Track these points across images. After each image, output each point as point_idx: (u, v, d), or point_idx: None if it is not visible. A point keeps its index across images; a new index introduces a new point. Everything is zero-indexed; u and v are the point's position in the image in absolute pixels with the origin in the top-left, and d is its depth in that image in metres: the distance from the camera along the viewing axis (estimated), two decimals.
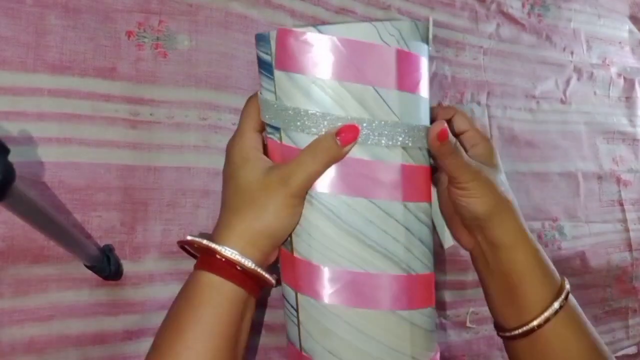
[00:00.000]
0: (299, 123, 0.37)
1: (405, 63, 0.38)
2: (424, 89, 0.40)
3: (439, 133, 0.39)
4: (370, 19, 0.66)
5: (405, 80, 0.38)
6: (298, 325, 0.40)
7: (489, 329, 0.69)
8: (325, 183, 0.38)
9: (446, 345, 0.66)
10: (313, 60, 0.36)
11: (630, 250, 0.84)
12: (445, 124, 0.39)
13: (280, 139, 0.39)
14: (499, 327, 0.46)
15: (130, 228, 0.51)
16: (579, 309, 0.44)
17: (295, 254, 0.40)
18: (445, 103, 0.71)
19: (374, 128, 0.37)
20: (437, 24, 0.71)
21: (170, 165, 0.53)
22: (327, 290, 0.38)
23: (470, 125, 0.46)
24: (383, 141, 0.37)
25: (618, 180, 0.85)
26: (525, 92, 0.78)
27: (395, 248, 0.39)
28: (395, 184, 0.38)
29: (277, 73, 0.38)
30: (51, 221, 0.38)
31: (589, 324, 0.44)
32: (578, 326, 0.43)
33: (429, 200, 0.42)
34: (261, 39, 0.39)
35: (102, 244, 0.50)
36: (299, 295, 0.40)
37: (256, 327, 0.54)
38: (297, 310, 0.40)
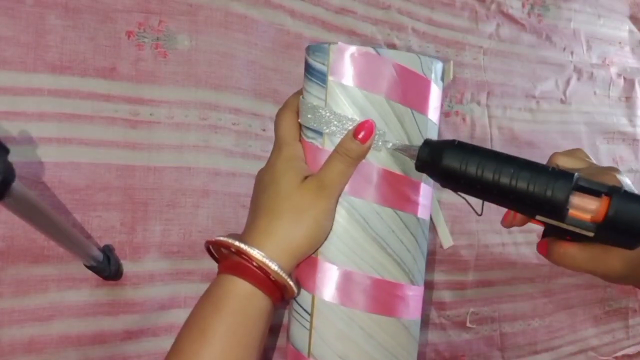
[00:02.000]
0: (345, 130, 0.40)
1: (434, 95, 0.42)
2: (438, 120, 0.44)
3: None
4: (370, 19, 0.66)
5: (432, 109, 0.42)
6: (310, 330, 0.41)
7: (489, 329, 0.69)
8: (360, 190, 0.40)
9: (446, 345, 0.66)
10: (368, 76, 0.40)
11: None
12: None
13: (323, 144, 0.41)
14: None
15: (130, 228, 0.51)
16: None
17: (319, 257, 0.41)
18: (446, 103, 0.71)
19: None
20: (437, 24, 0.72)
21: (170, 165, 0.53)
22: (348, 294, 0.40)
23: None
24: (414, 160, 0.40)
25: None
26: (525, 92, 0.78)
27: (407, 258, 0.41)
28: (414, 199, 0.41)
29: (331, 82, 0.40)
30: (51, 221, 0.38)
31: None
32: None
33: (429, 217, 0.45)
34: (318, 50, 0.41)
35: (102, 244, 0.50)
36: (316, 299, 0.41)
37: None
38: (311, 315, 0.41)
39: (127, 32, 0.53)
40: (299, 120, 0.43)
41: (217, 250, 0.41)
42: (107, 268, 0.48)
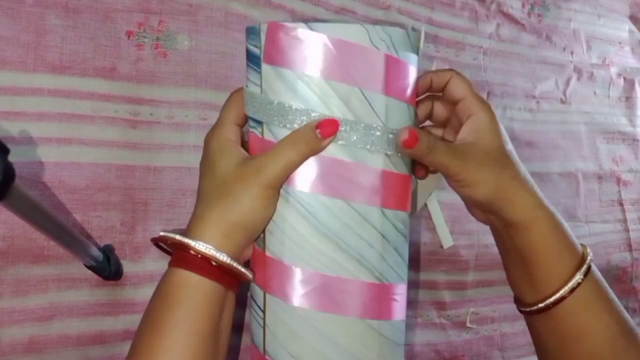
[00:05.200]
0: (282, 118, 0.37)
1: (393, 69, 0.38)
2: (411, 98, 0.40)
3: (404, 142, 0.37)
4: (370, 19, 0.66)
5: (393, 86, 0.38)
6: (264, 327, 0.39)
7: (489, 329, 0.69)
8: (304, 182, 0.37)
9: (446, 345, 0.66)
10: (301, 56, 0.36)
11: (630, 250, 0.84)
12: (411, 130, 0.37)
13: (262, 133, 0.38)
14: (517, 301, 0.45)
15: (130, 228, 0.51)
16: (603, 283, 0.42)
17: (267, 252, 0.39)
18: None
19: (358, 130, 0.36)
20: (437, 24, 0.71)
21: (170, 165, 0.53)
22: (297, 292, 0.37)
23: (467, 92, 0.42)
24: (368, 146, 0.37)
25: (618, 180, 0.85)
26: (525, 92, 0.78)
27: (369, 255, 0.38)
28: (374, 189, 0.38)
29: (265, 66, 0.38)
30: (51, 221, 0.38)
31: (613, 298, 0.42)
32: (599, 302, 0.41)
33: (407, 209, 0.41)
34: (251, 32, 0.39)
35: (102, 244, 0.50)
36: (267, 296, 0.39)
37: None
38: (264, 312, 0.39)
39: (127, 32, 0.53)
40: (245, 110, 0.40)
41: (169, 245, 0.41)
42: (107, 268, 0.48)
